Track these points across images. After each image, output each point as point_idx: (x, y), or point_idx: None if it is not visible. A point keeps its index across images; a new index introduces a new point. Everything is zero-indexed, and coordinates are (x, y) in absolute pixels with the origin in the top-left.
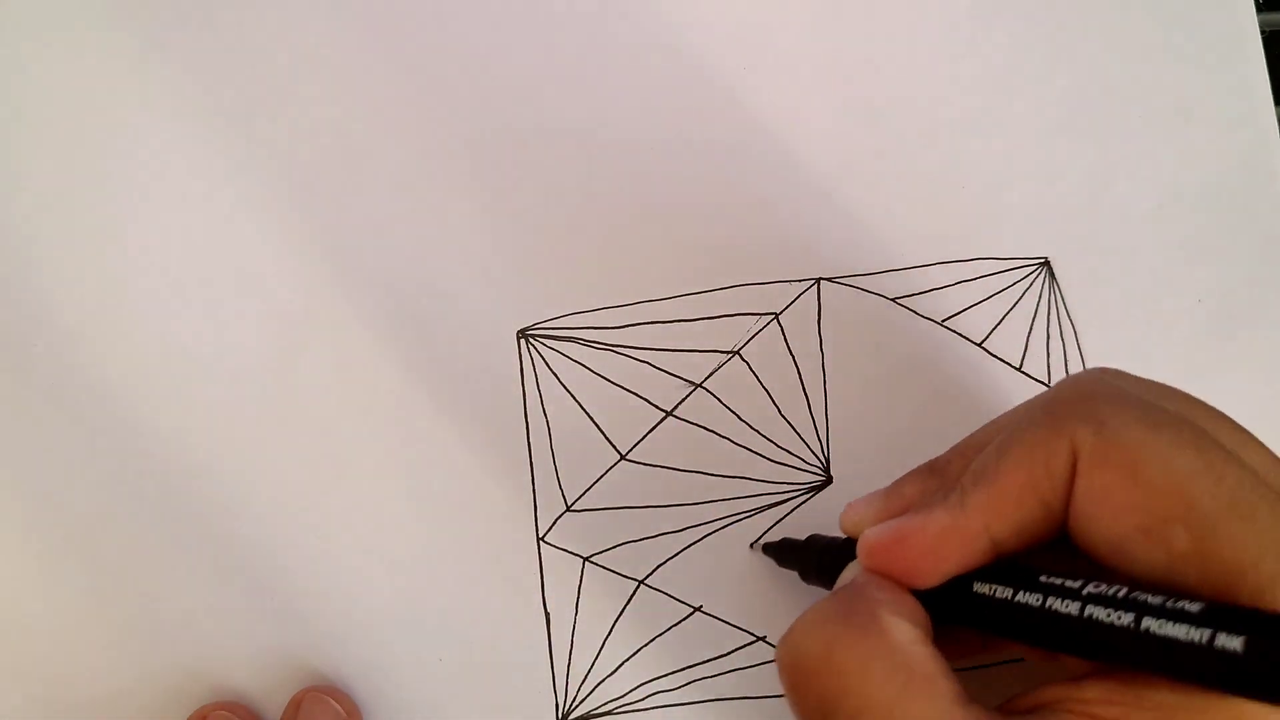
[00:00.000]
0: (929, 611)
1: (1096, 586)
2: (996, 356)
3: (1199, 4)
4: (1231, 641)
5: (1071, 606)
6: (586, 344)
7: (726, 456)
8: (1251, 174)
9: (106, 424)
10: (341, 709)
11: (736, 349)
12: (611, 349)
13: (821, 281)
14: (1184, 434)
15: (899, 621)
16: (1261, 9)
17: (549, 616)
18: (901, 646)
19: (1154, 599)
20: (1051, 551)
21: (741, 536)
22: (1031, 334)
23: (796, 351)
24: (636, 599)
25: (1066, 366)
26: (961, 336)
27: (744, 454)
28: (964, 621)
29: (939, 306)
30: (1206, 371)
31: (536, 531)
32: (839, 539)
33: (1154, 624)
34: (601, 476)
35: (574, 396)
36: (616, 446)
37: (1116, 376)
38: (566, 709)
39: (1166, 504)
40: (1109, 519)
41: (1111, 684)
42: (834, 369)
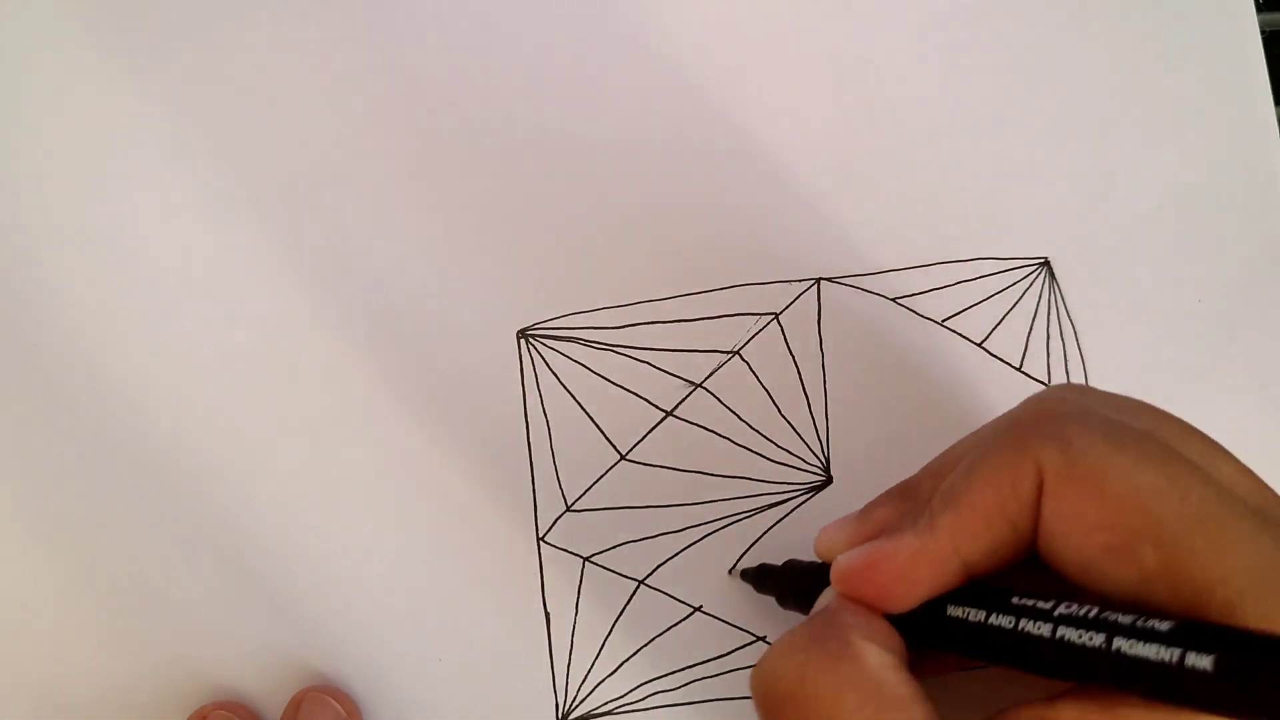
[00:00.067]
0: (904, 635)
1: (1068, 607)
2: (996, 356)
3: (1199, 4)
4: (1201, 660)
5: (1043, 628)
6: (586, 344)
7: (726, 456)
8: (1251, 174)
9: (106, 424)
10: (341, 709)
11: (736, 349)
12: (611, 349)
13: (821, 281)
14: (1149, 450)
15: (871, 647)
16: (1261, 9)
17: (549, 616)
18: (874, 672)
19: (1124, 619)
20: (1024, 570)
21: (741, 536)
22: (1031, 334)
23: (796, 351)
24: (636, 599)
25: (1067, 366)
26: (961, 336)
27: (744, 454)
28: (938, 645)
29: (939, 306)
30: (1206, 371)
31: (536, 531)
32: (815, 563)
33: (1125, 644)
34: (601, 476)
35: (574, 396)
36: (616, 446)
37: (1081, 393)
38: (566, 709)
39: (1133, 522)
40: (1077, 538)
41: (1087, 702)
42: (834, 369)
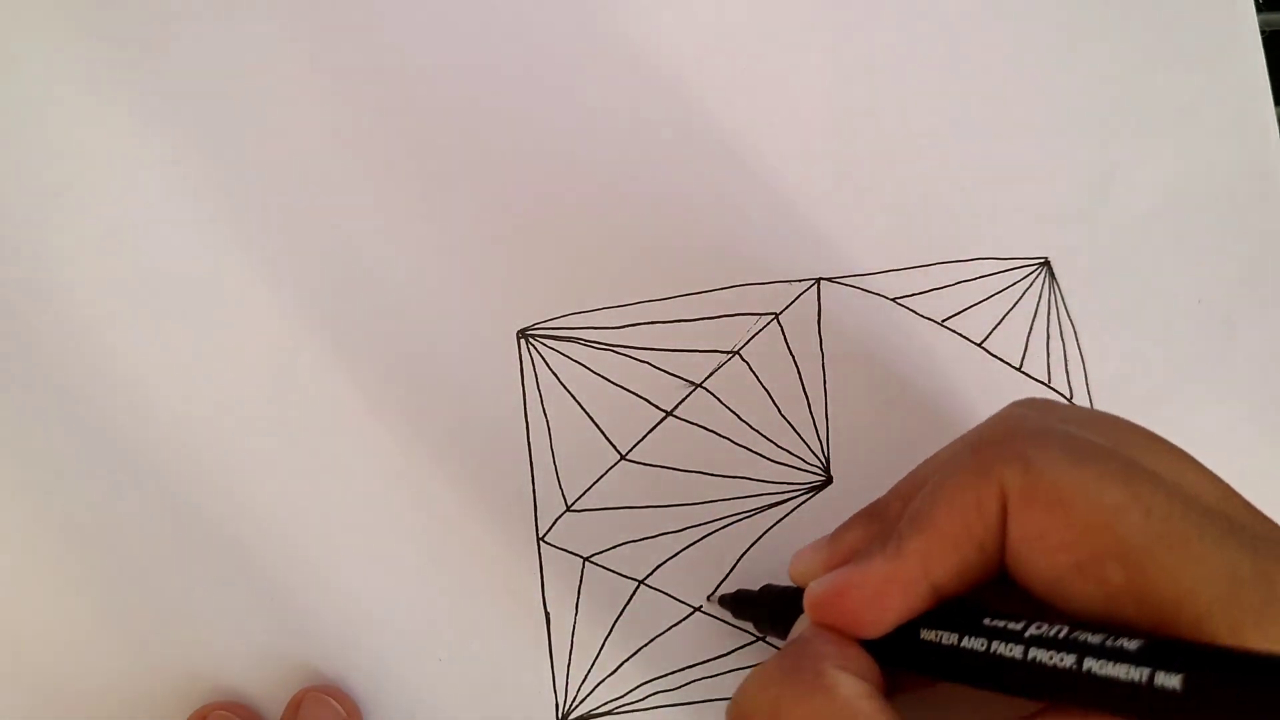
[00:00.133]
0: (878, 659)
1: (1039, 628)
2: (996, 356)
3: (1199, 4)
4: (1170, 680)
5: (1015, 650)
6: (586, 344)
7: (726, 456)
8: (1251, 174)
9: (106, 425)
10: (341, 709)
11: (736, 349)
12: (611, 349)
13: (821, 281)
14: (1110, 466)
15: (845, 677)
16: (1261, 9)
17: (549, 616)
18: (848, 703)
19: (1094, 638)
20: (995, 588)
21: (742, 536)
22: (1031, 334)
23: (796, 351)
24: (636, 599)
25: (1067, 366)
26: (961, 336)
27: (744, 454)
28: (912, 668)
29: (939, 306)
30: (1206, 371)
31: (536, 531)
32: (791, 588)
33: (1095, 665)
34: (601, 476)
35: (574, 396)
36: (616, 446)
37: (1043, 410)
38: (566, 709)
39: (1098, 540)
40: (1043, 558)
41: None
42: (834, 369)
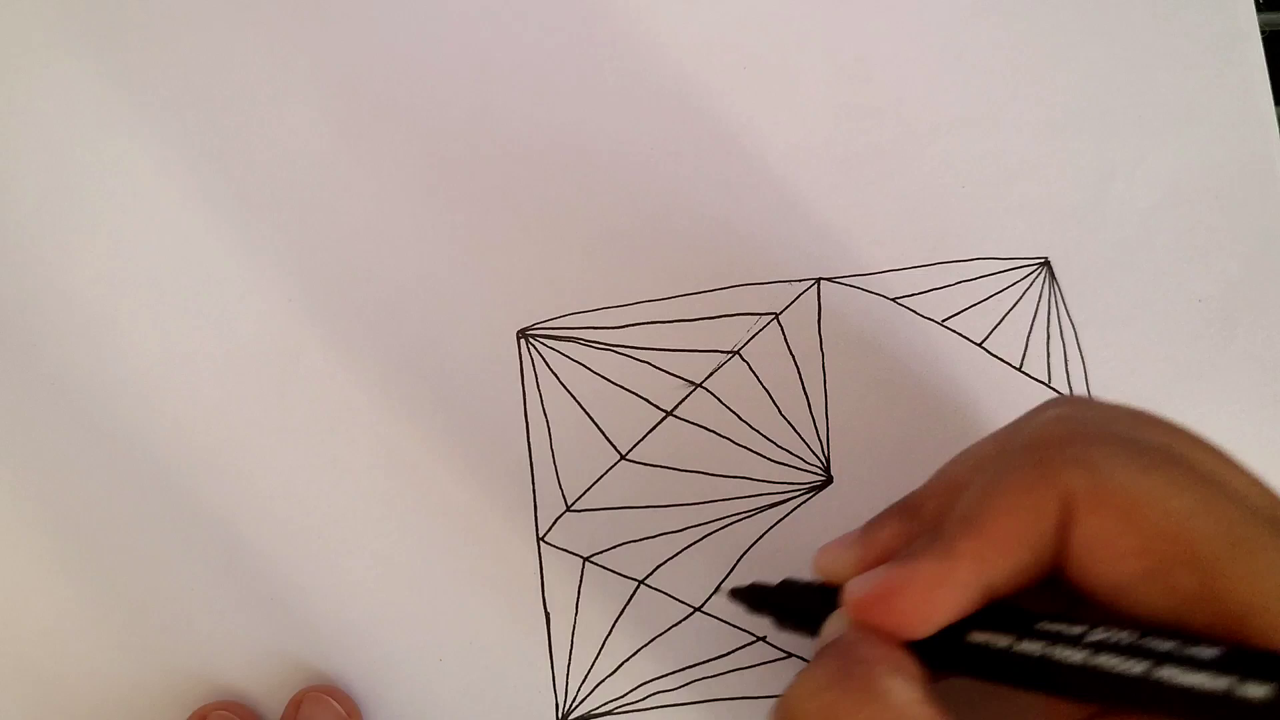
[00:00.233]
0: (922, 659)
1: (1103, 632)
2: (996, 356)
3: (1199, 4)
4: (1257, 690)
5: (1075, 655)
6: (586, 344)
7: (726, 456)
8: (1251, 174)
9: (107, 424)
10: (341, 709)
11: (736, 349)
12: (611, 349)
13: (821, 281)
14: (1178, 472)
15: (898, 682)
16: (1261, 9)
17: (549, 616)
18: (903, 709)
19: (1164, 645)
20: (1046, 591)
21: (742, 536)
22: (1031, 334)
23: (796, 351)
24: (636, 599)
25: (1067, 366)
26: (961, 336)
27: (744, 454)
28: (961, 670)
29: (939, 306)
30: (1206, 371)
31: (536, 531)
32: (814, 583)
33: (1169, 672)
34: (601, 476)
35: (574, 396)
36: (616, 446)
37: (1095, 410)
38: (566, 709)
39: (1168, 547)
40: (1109, 564)
41: None
42: (834, 369)
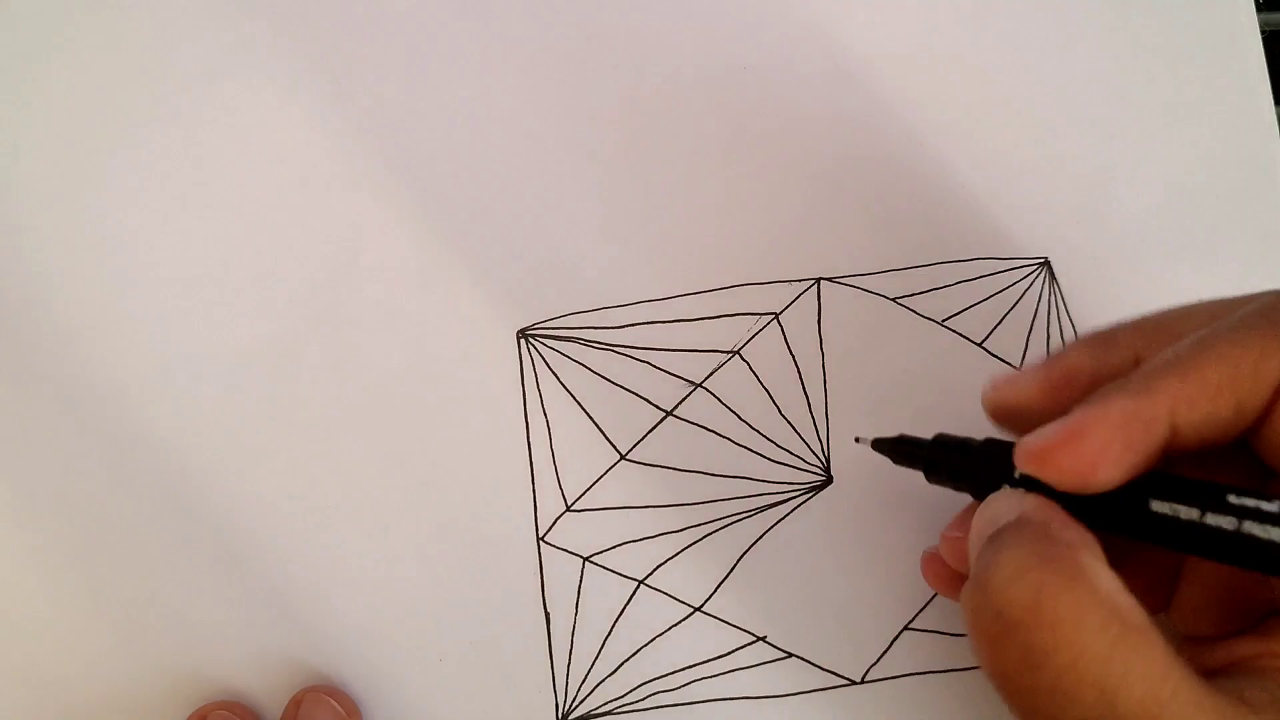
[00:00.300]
0: (1096, 525)
1: None
2: (996, 356)
3: (1199, 4)
4: None
5: (1275, 533)
6: (586, 344)
7: (726, 456)
8: (1251, 174)
9: (107, 424)
10: (341, 709)
11: (736, 349)
12: (611, 349)
13: (821, 281)
14: None
15: (1101, 567)
16: (1261, 9)
17: (549, 616)
18: (1110, 595)
19: None
20: (1223, 461)
21: (741, 536)
22: (1031, 334)
23: (796, 351)
24: (636, 599)
25: None
26: (961, 336)
27: (744, 454)
28: (1137, 535)
29: (939, 306)
30: None
31: (536, 531)
32: (974, 440)
33: None
34: (601, 476)
35: (574, 396)
36: (616, 446)
37: None
38: (566, 709)
39: None
40: None
41: None
42: (834, 369)
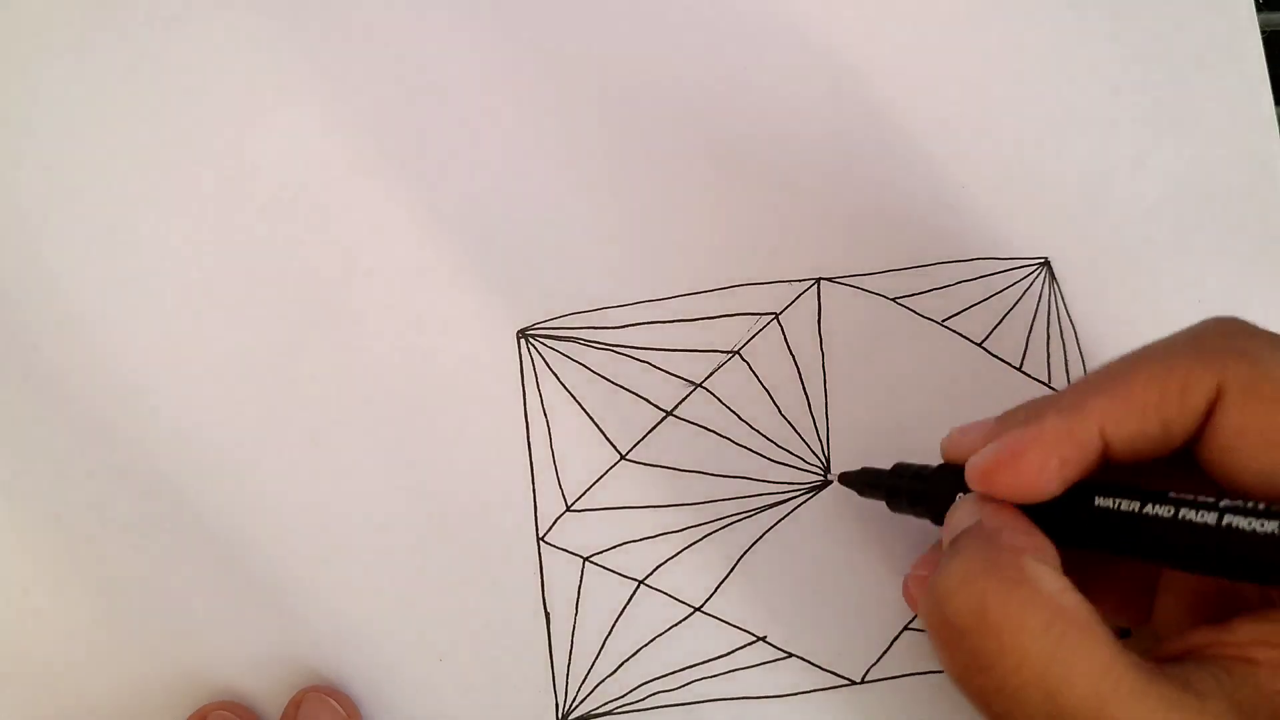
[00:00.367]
0: (1051, 536)
1: (1233, 500)
2: (996, 356)
3: (1199, 4)
4: None
5: (1208, 516)
6: (586, 344)
7: (726, 456)
8: (1251, 174)
9: (107, 425)
10: (341, 709)
11: (736, 349)
12: (611, 349)
13: (821, 281)
14: None
15: (1045, 570)
16: (1261, 9)
17: (549, 616)
18: (1053, 596)
19: None
20: (1164, 474)
21: (741, 536)
22: (1031, 334)
23: (796, 351)
24: (636, 599)
25: (1067, 366)
26: (961, 336)
27: (744, 454)
28: (1087, 542)
29: (939, 306)
30: None
31: (536, 531)
32: (928, 466)
33: None
34: (601, 476)
35: (574, 396)
36: (616, 446)
37: (1251, 324)
38: (566, 709)
39: None
40: (1260, 452)
41: (1262, 625)
42: (834, 369)
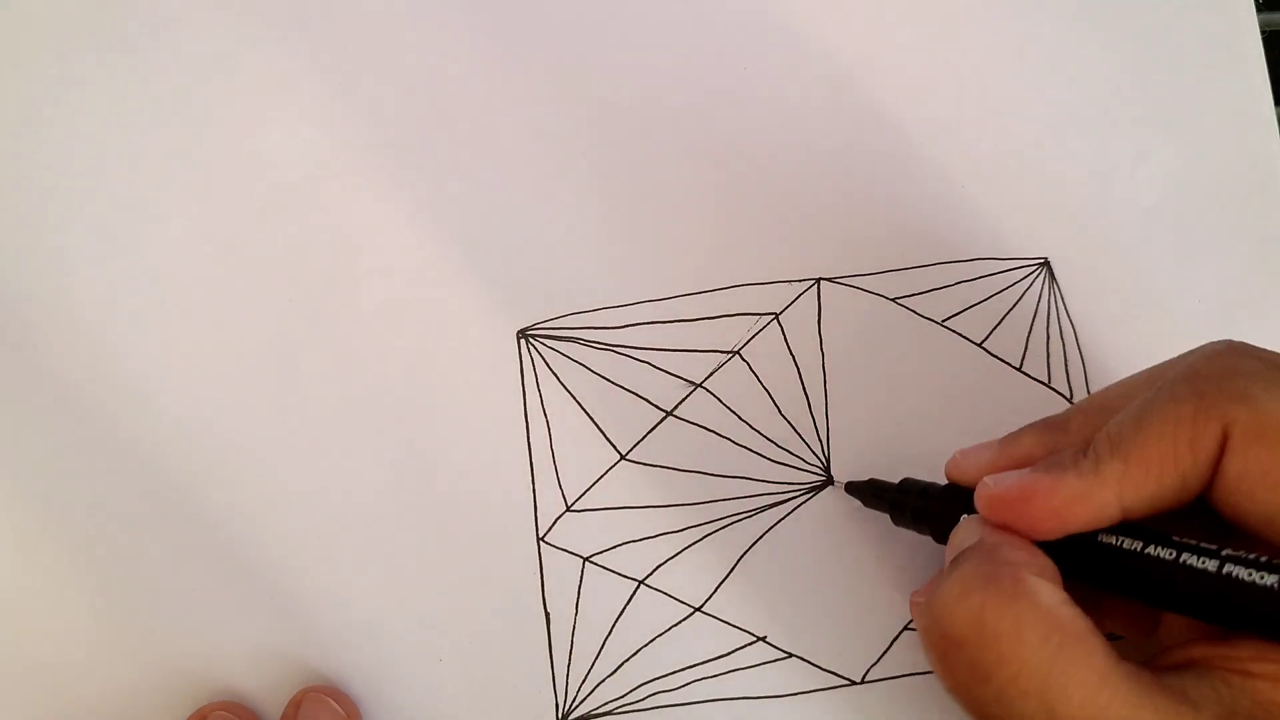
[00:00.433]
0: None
1: (1235, 549)
2: (996, 356)
3: (1199, 4)
4: None
5: (1209, 564)
6: (586, 344)
7: (726, 456)
8: (1251, 174)
9: (107, 425)
10: (341, 709)
11: (736, 349)
12: (611, 349)
13: (821, 281)
14: None
15: (1043, 583)
16: (1261, 9)
17: (549, 616)
18: (1051, 609)
19: None
20: (1185, 520)
21: (741, 536)
22: (1031, 334)
23: (796, 351)
24: (636, 599)
25: (1067, 367)
26: (961, 336)
27: (744, 454)
28: (1087, 578)
29: (939, 306)
30: None
31: (536, 531)
32: (936, 485)
33: None
34: (601, 476)
35: (574, 396)
36: (616, 446)
37: (1248, 351)
38: (566, 709)
39: None
40: (1265, 494)
41: (1265, 643)
42: (834, 369)
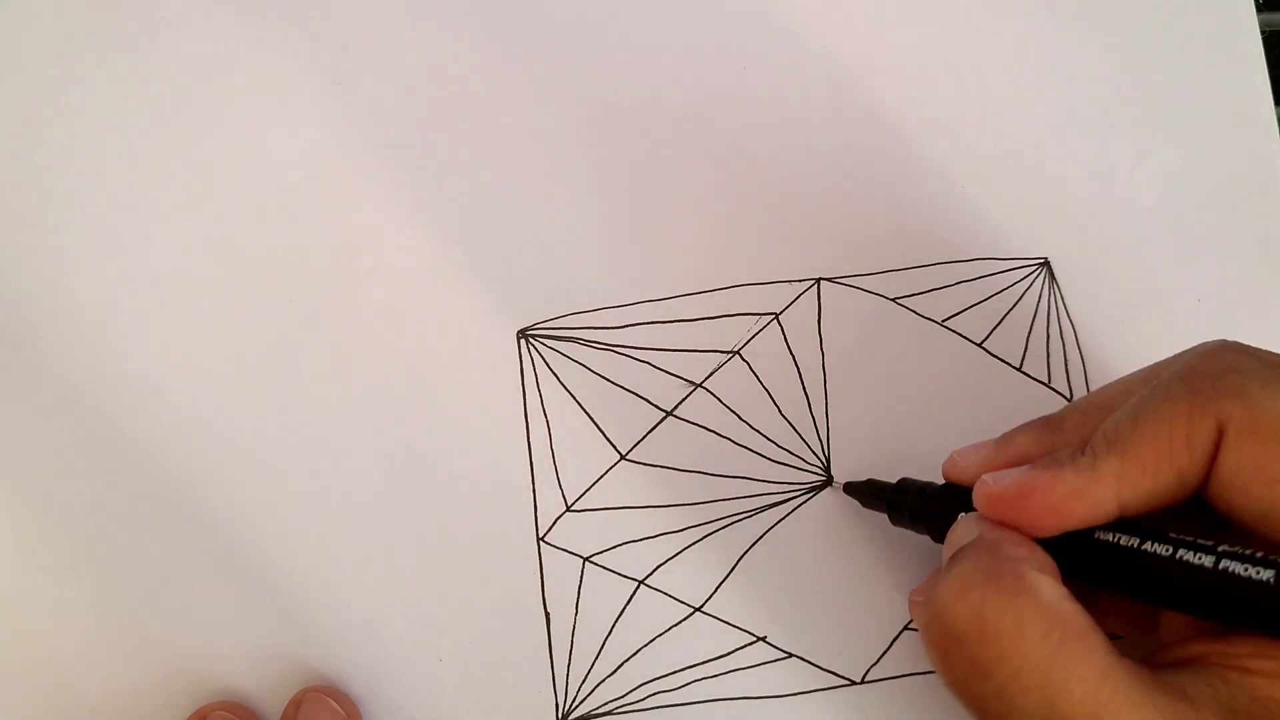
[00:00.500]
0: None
1: (1231, 545)
2: (996, 356)
3: (1199, 4)
4: None
5: (1205, 559)
6: (586, 344)
7: (726, 456)
8: (1251, 174)
9: (107, 424)
10: (341, 709)
11: (736, 349)
12: (611, 349)
13: (821, 281)
14: None
15: (1044, 579)
16: (1261, 9)
17: (549, 616)
18: (1052, 604)
19: None
20: (1183, 517)
21: (741, 536)
22: (1031, 334)
23: (796, 351)
24: (636, 599)
25: (1067, 367)
26: (961, 336)
27: (744, 454)
28: (1085, 575)
29: (939, 306)
30: None
31: (536, 531)
32: (933, 484)
33: None
34: (601, 476)
35: (574, 396)
36: (616, 446)
37: (1243, 349)
38: (566, 709)
39: None
40: (1259, 489)
41: (1261, 638)
42: (834, 369)
